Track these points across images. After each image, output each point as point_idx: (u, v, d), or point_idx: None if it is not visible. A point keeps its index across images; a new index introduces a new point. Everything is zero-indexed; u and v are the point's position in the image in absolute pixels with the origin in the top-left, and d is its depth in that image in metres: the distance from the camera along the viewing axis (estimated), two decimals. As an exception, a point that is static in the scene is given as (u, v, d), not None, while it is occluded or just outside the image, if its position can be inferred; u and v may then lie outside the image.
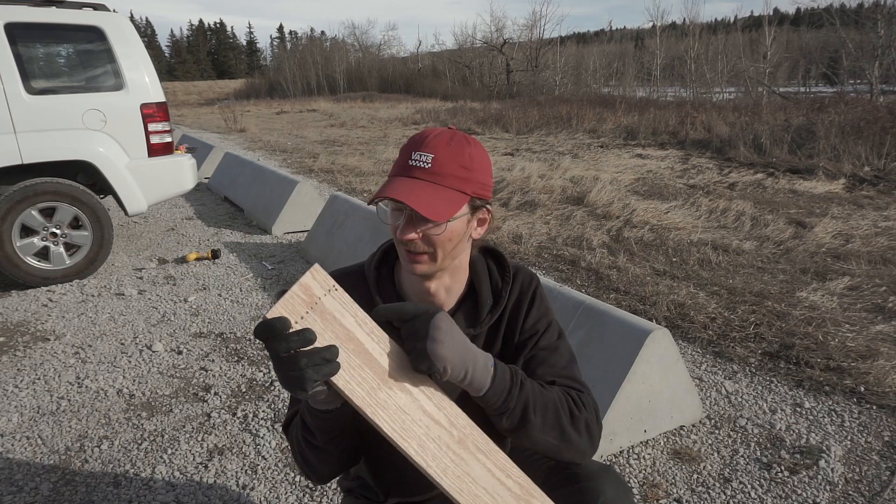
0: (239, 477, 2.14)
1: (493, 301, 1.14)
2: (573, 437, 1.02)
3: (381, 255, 1.17)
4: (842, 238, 4.87)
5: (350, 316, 0.90)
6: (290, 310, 0.83)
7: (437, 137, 0.99)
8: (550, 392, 1.02)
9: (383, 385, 0.89)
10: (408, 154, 1.00)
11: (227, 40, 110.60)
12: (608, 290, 3.92)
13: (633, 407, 2.22)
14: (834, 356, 2.91)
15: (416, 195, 0.95)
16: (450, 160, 0.99)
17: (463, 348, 0.92)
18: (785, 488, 2.04)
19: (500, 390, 0.94)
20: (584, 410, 1.04)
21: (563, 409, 1.01)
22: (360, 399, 0.86)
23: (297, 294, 0.85)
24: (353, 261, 4.38)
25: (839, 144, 8.22)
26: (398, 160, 1.01)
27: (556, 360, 1.12)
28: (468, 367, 0.91)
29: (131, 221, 6.24)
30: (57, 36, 4.27)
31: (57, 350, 3.19)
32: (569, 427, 1.01)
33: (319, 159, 10.13)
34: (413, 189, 0.96)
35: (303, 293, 0.86)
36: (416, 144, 1.00)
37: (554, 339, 1.15)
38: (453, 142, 1.00)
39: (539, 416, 0.98)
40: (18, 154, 3.90)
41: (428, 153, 0.98)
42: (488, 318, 1.13)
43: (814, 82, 26.26)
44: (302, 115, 22.83)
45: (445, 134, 1.01)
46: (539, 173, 7.97)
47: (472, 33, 63.57)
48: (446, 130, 1.02)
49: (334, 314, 0.88)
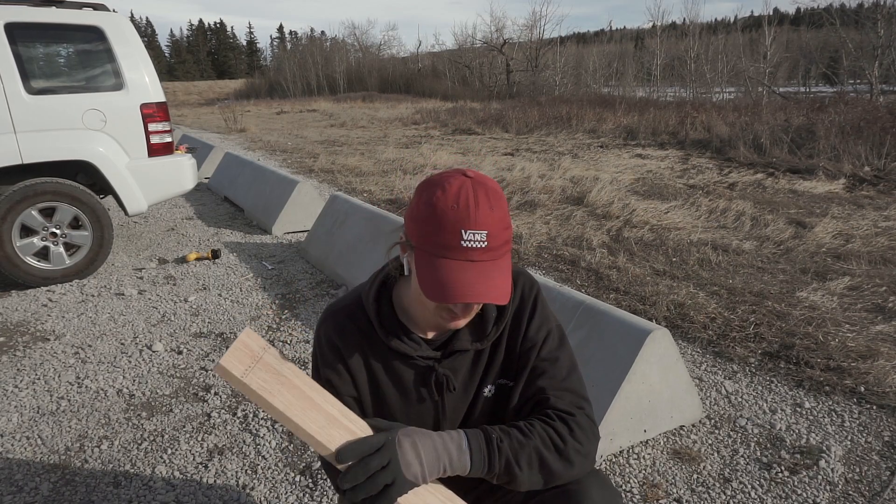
0: (239, 477, 2.14)
1: (497, 312, 1.14)
2: (561, 471, 1.03)
3: (380, 285, 1.15)
4: (842, 238, 4.87)
5: (287, 370, 1.04)
6: (240, 360, 0.99)
7: (480, 208, 0.92)
8: (532, 437, 1.02)
9: (329, 423, 1.01)
10: (456, 232, 0.92)
11: (227, 40, 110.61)
12: (608, 290, 3.92)
13: (632, 407, 2.22)
14: (834, 356, 2.91)
15: (490, 286, 0.93)
16: (499, 230, 0.95)
17: (433, 451, 0.97)
18: (785, 488, 2.04)
19: (480, 463, 0.98)
20: (570, 439, 1.04)
21: (547, 449, 1.02)
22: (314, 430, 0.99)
23: (241, 349, 1.01)
24: (353, 260, 4.36)
25: (839, 144, 8.22)
26: (441, 234, 0.93)
27: (556, 372, 1.12)
28: (444, 462, 0.97)
29: (131, 221, 6.24)
30: (57, 36, 4.26)
31: (57, 350, 3.19)
32: (556, 464, 1.02)
33: (319, 159, 10.13)
34: (479, 278, 0.93)
35: (245, 348, 1.02)
36: (464, 221, 0.92)
37: (554, 347, 1.15)
38: (493, 204, 0.94)
39: (524, 467, 1.00)
40: (18, 154, 3.90)
41: (480, 230, 0.92)
42: (494, 332, 1.13)
43: (814, 82, 26.27)
44: (302, 115, 22.83)
45: (480, 196, 0.93)
46: (539, 173, 7.97)
47: (472, 33, 63.69)
48: (476, 187, 0.94)
49: (275, 366, 1.02)
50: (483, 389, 1.16)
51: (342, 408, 1.04)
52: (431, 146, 11.47)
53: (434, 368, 1.12)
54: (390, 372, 1.13)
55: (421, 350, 1.11)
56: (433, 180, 0.98)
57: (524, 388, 1.13)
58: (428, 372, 1.12)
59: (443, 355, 1.12)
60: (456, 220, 0.92)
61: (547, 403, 1.09)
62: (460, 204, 0.93)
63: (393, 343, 1.10)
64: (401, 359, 1.12)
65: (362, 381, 1.14)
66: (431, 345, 1.13)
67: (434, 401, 1.15)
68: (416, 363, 1.12)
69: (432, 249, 0.95)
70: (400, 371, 1.13)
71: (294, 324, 3.50)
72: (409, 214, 1.01)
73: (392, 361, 1.12)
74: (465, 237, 0.92)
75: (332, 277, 4.24)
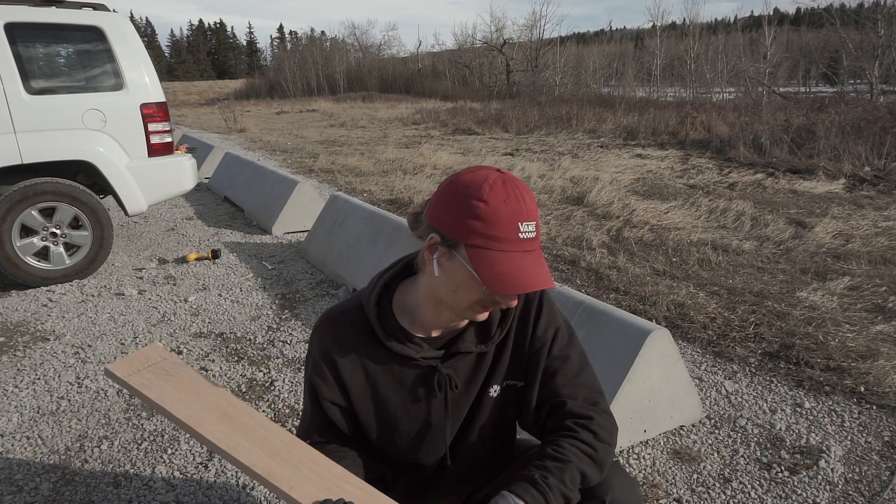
0: (239, 477, 2.14)
1: (501, 315, 1.14)
2: (600, 474, 1.07)
3: (381, 290, 1.15)
4: (842, 238, 4.87)
5: (185, 374, 1.15)
6: (129, 366, 1.12)
7: (526, 201, 0.97)
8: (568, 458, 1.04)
9: (223, 419, 1.10)
10: (514, 225, 0.96)
11: (227, 40, 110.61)
12: (608, 290, 3.92)
13: (632, 407, 2.22)
14: (834, 356, 2.91)
15: (544, 273, 0.97)
16: (539, 220, 1.01)
17: None
18: (785, 488, 2.04)
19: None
20: (598, 443, 1.07)
21: (584, 464, 1.04)
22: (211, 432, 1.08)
23: (137, 357, 1.15)
24: (353, 260, 4.36)
25: (839, 144, 8.22)
26: (498, 228, 0.95)
27: (569, 369, 1.14)
28: None
29: (131, 221, 6.24)
30: (57, 36, 4.26)
31: (57, 350, 3.19)
32: (594, 471, 1.06)
33: (319, 159, 10.13)
34: (536, 267, 0.97)
35: (142, 356, 1.16)
36: (519, 214, 0.96)
37: (564, 345, 1.16)
38: (530, 196, 0.99)
39: (573, 487, 1.02)
40: (18, 154, 3.90)
41: (531, 221, 0.98)
42: (498, 333, 1.13)
43: (814, 82, 26.26)
44: (302, 115, 22.83)
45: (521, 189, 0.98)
46: (539, 173, 7.98)
47: (472, 33, 63.66)
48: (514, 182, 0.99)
49: (168, 371, 1.13)
50: (488, 390, 1.16)
51: (241, 404, 1.12)
52: (431, 146, 11.47)
53: (436, 368, 1.12)
54: (391, 375, 1.13)
55: (423, 351, 1.11)
56: (472, 179, 0.99)
57: (540, 389, 1.14)
58: (430, 372, 1.13)
59: (445, 356, 1.12)
60: (512, 214, 0.96)
61: (563, 409, 1.10)
62: (510, 198, 0.96)
63: (394, 346, 1.10)
64: (402, 361, 1.12)
65: (357, 389, 1.14)
66: (434, 345, 1.13)
67: (437, 400, 1.15)
68: (418, 364, 1.12)
69: (488, 244, 0.96)
70: (401, 373, 1.13)
71: (294, 324, 3.50)
72: (448, 214, 0.99)
73: (393, 365, 1.13)
74: (522, 230, 0.96)
75: (331, 277, 4.24)
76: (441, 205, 1.01)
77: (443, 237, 1.00)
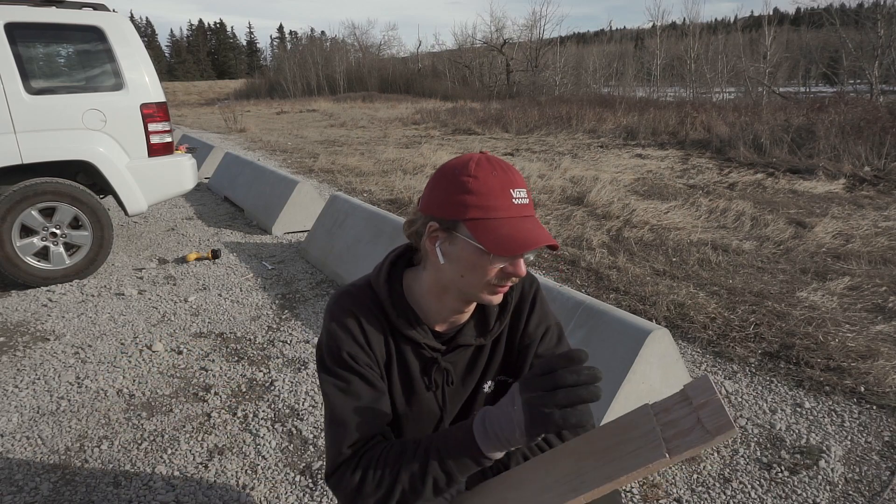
0: (239, 477, 2.14)
1: (500, 308, 1.15)
2: None
3: (389, 269, 1.13)
4: (842, 238, 4.87)
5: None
6: None
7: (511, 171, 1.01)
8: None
9: None
10: (507, 192, 0.98)
11: (227, 40, 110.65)
12: (608, 290, 3.92)
13: (632, 407, 2.22)
14: (834, 356, 2.91)
15: (545, 232, 0.99)
16: (527, 187, 1.03)
17: None
18: (785, 488, 2.04)
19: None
20: None
21: None
22: None
23: None
24: (353, 260, 4.36)
25: (839, 144, 8.22)
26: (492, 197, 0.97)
27: None
28: None
29: (131, 221, 6.24)
30: (57, 36, 4.26)
31: (57, 350, 3.19)
32: None
33: (319, 159, 10.13)
34: (537, 228, 0.99)
35: None
36: (511, 182, 0.99)
37: (552, 345, 1.17)
38: (512, 167, 1.03)
39: None
40: (18, 154, 3.90)
41: (522, 188, 1.00)
42: (497, 326, 1.14)
43: (814, 82, 26.27)
44: (302, 115, 22.83)
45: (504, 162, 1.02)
46: (539, 173, 7.98)
47: (472, 33, 63.72)
48: (495, 157, 1.02)
49: None
50: (483, 385, 1.17)
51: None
52: (431, 146, 11.47)
53: (437, 361, 1.12)
54: (399, 358, 1.12)
55: (428, 339, 1.10)
56: (458, 161, 1.02)
57: None
58: (430, 364, 1.13)
59: (447, 349, 1.13)
60: (502, 183, 0.98)
61: None
62: (496, 170, 0.99)
63: (404, 327, 1.08)
64: (409, 345, 1.11)
65: (380, 360, 1.10)
66: (438, 339, 1.13)
67: (434, 394, 1.15)
68: (422, 353, 1.11)
69: (486, 215, 0.98)
70: (407, 359, 1.12)
71: (294, 324, 3.50)
72: (441, 196, 1.00)
73: (402, 345, 1.11)
74: (514, 195, 0.98)
75: (331, 277, 4.24)
76: (432, 192, 1.02)
77: (440, 221, 1.00)
